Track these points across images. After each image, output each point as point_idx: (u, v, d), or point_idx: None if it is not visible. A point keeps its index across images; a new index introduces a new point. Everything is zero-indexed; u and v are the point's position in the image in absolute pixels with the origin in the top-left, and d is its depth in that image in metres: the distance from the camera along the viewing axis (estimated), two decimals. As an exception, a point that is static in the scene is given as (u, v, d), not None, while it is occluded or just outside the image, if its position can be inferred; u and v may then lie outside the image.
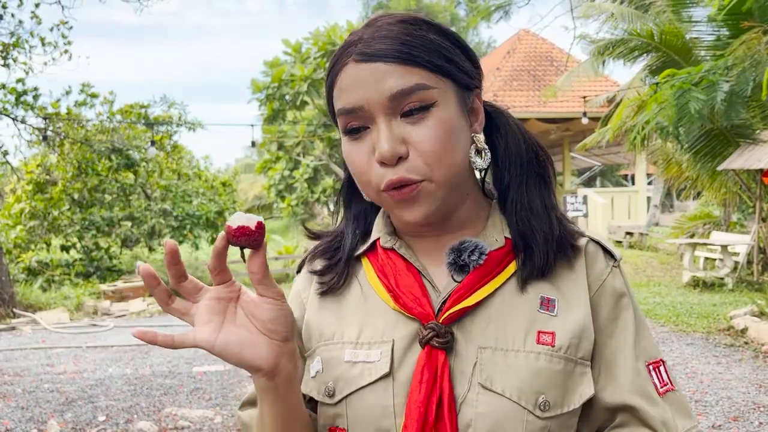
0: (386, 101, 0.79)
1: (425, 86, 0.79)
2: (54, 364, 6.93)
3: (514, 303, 0.84)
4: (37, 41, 10.13)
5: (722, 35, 9.33)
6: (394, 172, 0.79)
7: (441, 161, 0.80)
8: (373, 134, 0.81)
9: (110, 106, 13.02)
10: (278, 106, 22.00)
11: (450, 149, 0.81)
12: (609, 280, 0.88)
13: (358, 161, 0.82)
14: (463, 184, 0.86)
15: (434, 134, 0.80)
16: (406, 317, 0.85)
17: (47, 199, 12.62)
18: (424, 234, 0.90)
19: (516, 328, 0.83)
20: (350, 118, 0.81)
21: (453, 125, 0.82)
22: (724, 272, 9.47)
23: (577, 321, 0.84)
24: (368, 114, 0.80)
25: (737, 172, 9.43)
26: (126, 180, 13.24)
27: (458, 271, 0.86)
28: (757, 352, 6.26)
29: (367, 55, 0.80)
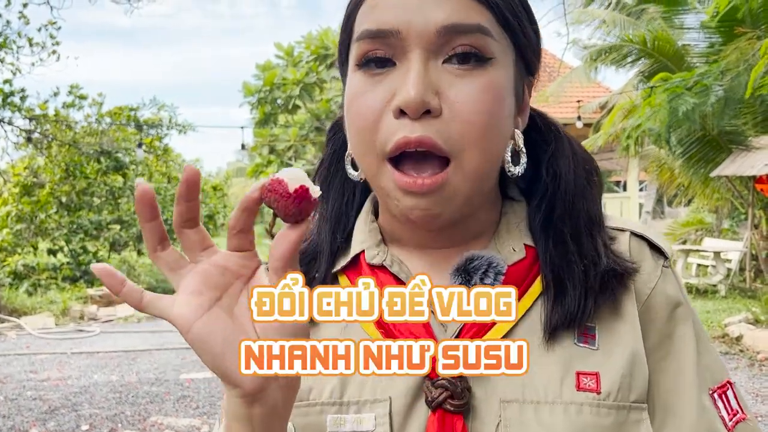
0: (432, 34, 0.59)
1: (487, 31, 0.60)
2: (38, 370, 6.79)
3: (542, 336, 0.63)
4: (25, 42, 9.99)
5: (715, 42, 9.34)
6: (414, 128, 0.58)
7: (480, 140, 0.60)
8: (397, 73, 0.60)
9: (99, 108, 12.89)
10: (270, 110, 21.91)
11: (494, 129, 0.61)
12: (660, 286, 0.67)
13: (369, 106, 0.61)
14: (489, 183, 0.66)
15: (484, 98, 0.60)
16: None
17: (34, 202, 12.46)
18: (427, 245, 0.69)
19: (548, 371, 0.62)
20: (375, 44, 0.61)
21: (505, 98, 0.62)
22: (717, 279, 9.44)
23: (627, 352, 0.63)
24: (401, 44, 0.60)
25: (730, 179, 9.42)
26: (115, 183, 13.09)
27: None
28: (753, 360, 6.21)
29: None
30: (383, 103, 0.61)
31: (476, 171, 0.61)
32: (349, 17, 0.66)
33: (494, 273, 0.64)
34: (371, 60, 0.62)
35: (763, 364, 6.05)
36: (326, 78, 21.08)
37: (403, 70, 0.60)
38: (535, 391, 0.61)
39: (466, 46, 0.60)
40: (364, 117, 0.61)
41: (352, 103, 0.63)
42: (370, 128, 0.61)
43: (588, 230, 0.67)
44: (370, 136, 0.61)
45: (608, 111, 11.77)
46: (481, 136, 0.60)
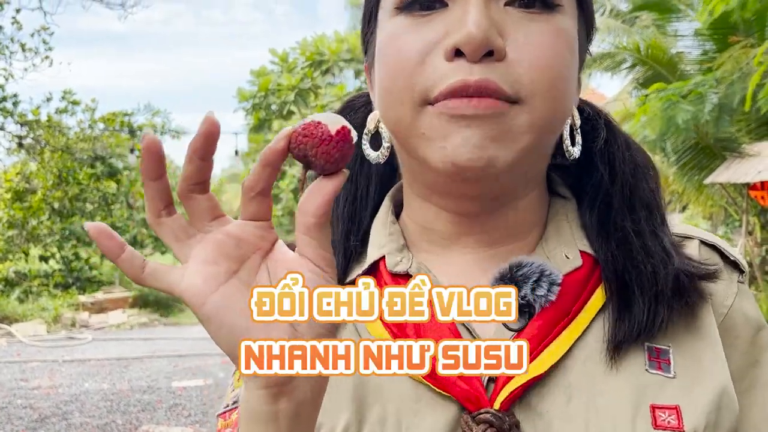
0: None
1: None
2: (28, 378, 6.71)
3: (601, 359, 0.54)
4: (18, 47, 9.95)
5: (708, 49, 9.38)
6: (473, 71, 0.49)
7: (553, 88, 0.51)
8: (450, 13, 0.51)
9: (92, 113, 12.83)
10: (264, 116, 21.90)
11: (567, 79, 0.53)
12: (738, 304, 0.58)
13: (412, 45, 0.51)
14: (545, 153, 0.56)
15: (556, 43, 0.51)
16: (435, 395, 0.53)
17: (26, 208, 12.38)
18: (458, 240, 0.59)
19: (616, 403, 0.51)
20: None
21: (575, 52, 0.54)
22: (711, 286, 9.46)
23: (712, 381, 0.53)
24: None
25: (723, 186, 9.43)
26: (108, 189, 13.03)
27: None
28: (747, 367, 6.21)
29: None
30: (431, 44, 0.51)
31: (543, 117, 0.51)
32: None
33: (548, 283, 0.54)
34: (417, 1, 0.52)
35: (758, 372, 6.05)
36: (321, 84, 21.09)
37: (458, 8, 0.51)
38: (601, 427, 0.51)
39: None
40: (405, 57, 0.51)
41: (387, 46, 0.53)
42: (410, 71, 0.51)
43: (651, 226, 0.58)
44: (408, 81, 0.51)
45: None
46: (553, 84, 0.51)
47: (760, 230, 9.33)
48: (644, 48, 9.65)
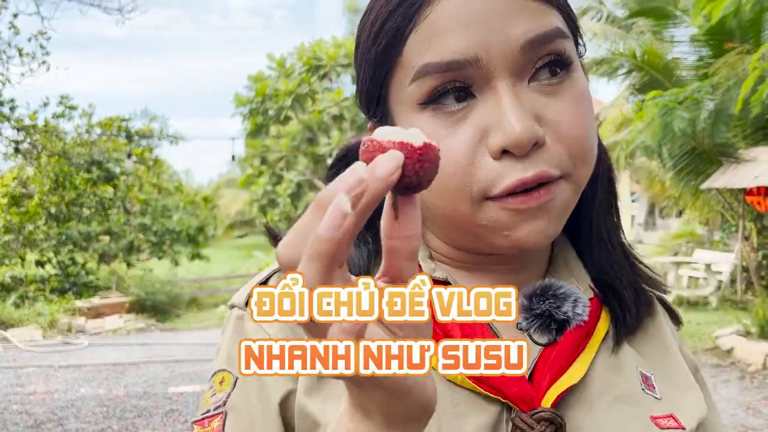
0: (517, 52, 0.51)
1: (564, 34, 0.53)
2: (24, 384, 6.69)
3: (614, 378, 0.60)
4: (15, 52, 9.95)
5: (704, 55, 9.43)
6: (526, 166, 0.51)
7: (588, 152, 0.54)
8: (483, 108, 0.52)
9: (89, 118, 12.83)
10: (262, 121, 21.93)
11: (594, 135, 0.55)
12: (683, 348, 0.68)
13: (457, 151, 0.52)
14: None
15: (580, 110, 0.53)
16: (480, 397, 0.55)
17: (23, 212, 12.35)
18: (485, 268, 0.61)
19: (627, 412, 0.58)
20: (448, 78, 0.51)
21: (591, 99, 0.56)
22: (708, 291, 9.46)
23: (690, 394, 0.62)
24: (482, 73, 0.51)
25: (720, 191, 9.46)
26: (105, 194, 13.01)
27: (544, 329, 0.58)
28: (744, 372, 6.20)
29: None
30: (474, 144, 0.52)
31: (585, 179, 0.56)
32: (387, 49, 0.54)
33: (583, 305, 0.59)
34: (444, 96, 0.52)
35: (754, 377, 6.04)
36: (318, 89, 21.12)
37: (489, 101, 0.52)
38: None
39: (549, 56, 0.53)
40: (454, 162, 0.52)
41: None
42: (462, 173, 0.52)
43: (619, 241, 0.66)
44: (463, 181, 0.52)
45: (600, 123, 11.83)
46: (589, 149, 0.55)
47: (756, 235, 9.35)
48: (640, 54, 9.69)
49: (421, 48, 0.52)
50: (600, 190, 0.64)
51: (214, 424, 0.59)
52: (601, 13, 11.60)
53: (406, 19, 0.52)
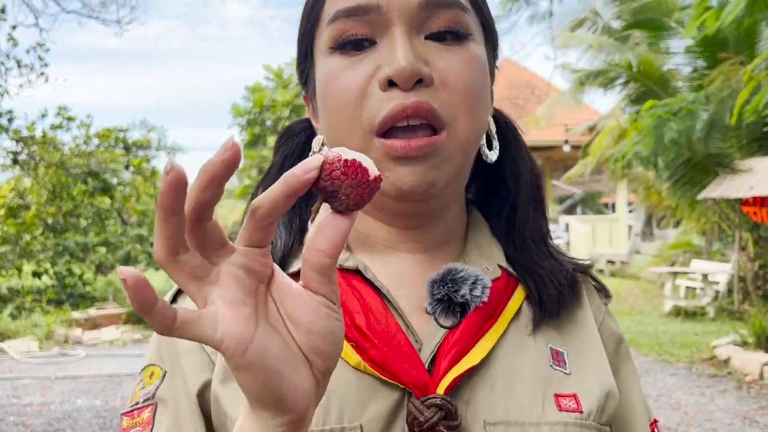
0: (414, 7, 0.58)
1: (464, 7, 0.60)
2: (20, 395, 6.66)
3: (520, 356, 0.62)
4: (14, 63, 9.98)
5: (699, 66, 9.49)
6: (408, 96, 0.56)
7: (471, 109, 0.59)
8: (380, 50, 0.58)
9: (87, 129, 12.85)
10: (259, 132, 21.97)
11: (482, 99, 0.61)
12: (606, 320, 0.70)
13: (351, 82, 0.58)
14: (468, 168, 0.64)
15: (471, 69, 0.59)
16: (381, 384, 0.58)
17: (20, 223, 12.34)
18: (395, 246, 0.65)
19: (529, 391, 0.60)
20: (353, 23, 0.58)
21: (487, 72, 0.62)
22: (705, 301, 9.47)
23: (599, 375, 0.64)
24: (382, 20, 0.58)
25: (716, 201, 9.49)
26: (102, 205, 13.01)
27: (447, 312, 0.61)
28: (741, 382, 6.21)
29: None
30: (367, 78, 0.58)
31: (467, 140, 0.60)
32: (314, 3, 0.63)
33: (482, 286, 0.61)
34: (349, 42, 0.59)
35: (751, 387, 6.04)
36: (316, 100, 21.19)
37: (386, 45, 0.58)
38: (518, 413, 0.58)
39: (447, 23, 0.59)
40: (348, 93, 0.58)
41: (330, 84, 0.60)
42: (354, 105, 0.58)
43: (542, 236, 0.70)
44: (354, 113, 0.58)
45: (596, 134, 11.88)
46: (472, 105, 0.59)
47: (753, 245, 9.38)
48: (636, 65, 9.76)
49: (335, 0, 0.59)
50: (523, 188, 0.70)
51: (144, 415, 0.61)
52: (597, 25, 11.70)
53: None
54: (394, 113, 0.56)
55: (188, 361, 0.63)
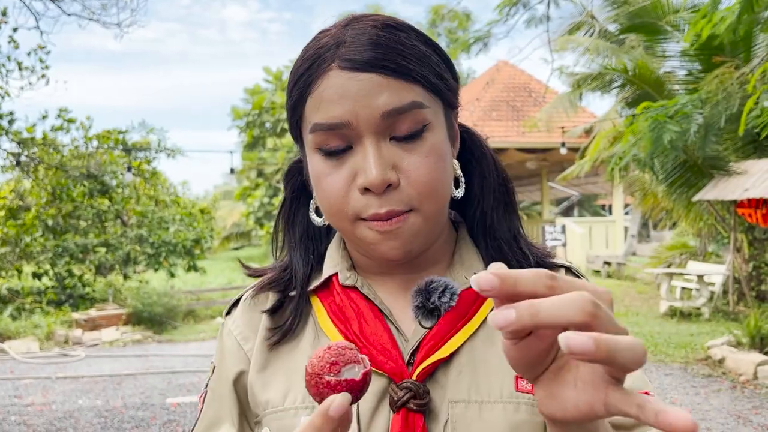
0: (378, 119, 0.68)
1: (421, 105, 0.70)
2: (22, 395, 6.71)
3: (487, 347, 0.74)
4: (14, 65, 10.03)
5: (694, 70, 9.56)
6: (381, 203, 0.69)
7: (434, 193, 0.71)
8: (356, 157, 0.70)
9: (86, 131, 12.88)
10: (258, 133, 22.01)
11: (442, 179, 0.72)
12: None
13: (335, 187, 0.70)
14: (443, 216, 0.77)
15: (429, 162, 0.70)
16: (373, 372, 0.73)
17: (20, 225, 12.38)
18: (391, 272, 0.80)
19: (491, 375, 0.73)
20: (331, 135, 0.69)
21: (444, 151, 0.73)
22: (701, 302, 9.54)
23: None
24: (354, 132, 0.69)
25: (711, 203, 9.56)
26: (101, 206, 13.04)
27: (427, 315, 0.75)
28: (735, 382, 6.28)
29: (357, 63, 0.68)
30: (348, 182, 0.70)
31: (432, 212, 0.72)
32: (296, 104, 0.73)
33: (450, 293, 0.75)
34: (330, 150, 0.70)
35: (745, 387, 6.12)
36: (314, 102, 21.21)
37: (360, 152, 0.70)
38: (478, 393, 0.71)
39: (406, 124, 0.69)
40: (334, 195, 0.71)
41: (319, 182, 0.73)
42: (340, 203, 0.71)
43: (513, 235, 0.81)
44: (340, 208, 0.71)
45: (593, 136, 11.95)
46: (433, 190, 0.71)
47: (747, 247, 9.45)
48: (632, 68, 9.82)
49: (313, 110, 0.70)
50: (491, 195, 0.82)
51: (201, 399, 0.83)
52: (593, 29, 11.77)
53: (305, 86, 0.71)
54: (370, 217, 0.70)
55: (229, 357, 0.82)
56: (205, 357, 8.55)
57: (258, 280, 0.86)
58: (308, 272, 0.82)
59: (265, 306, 0.82)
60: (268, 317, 0.80)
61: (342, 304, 0.77)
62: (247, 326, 0.82)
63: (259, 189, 22.64)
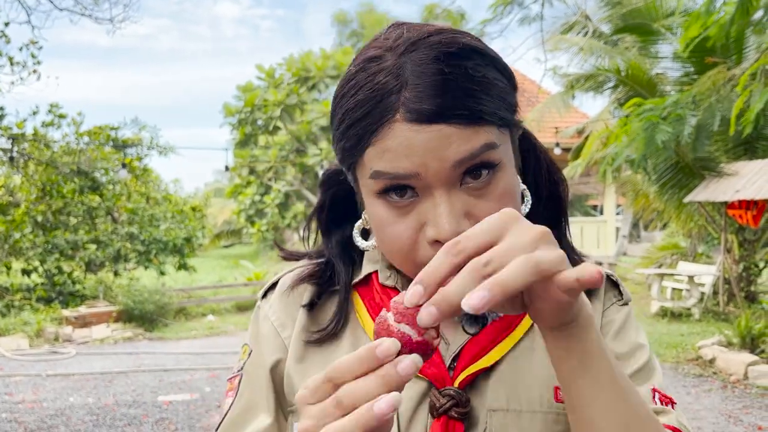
0: (448, 170, 0.63)
1: (493, 145, 0.65)
2: (12, 392, 6.66)
3: (527, 356, 0.74)
4: (6, 60, 9.94)
5: (687, 71, 9.62)
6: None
7: None
8: (424, 205, 0.65)
9: (77, 127, 12.79)
10: (250, 131, 21.93)
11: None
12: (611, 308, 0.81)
13: (401, 237, 0.66)
14: None
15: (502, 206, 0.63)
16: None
17: (9, 221, 12.27)
18: None
19: (530, 385, 0.72)
20: (395, 182, 0.65)
21: (515, 188, 0.69)
22: (691, 302, 9.61)
23: None
24: (422, 182, 0.64)
25: (702, 204, 9.63)
26: (92, 203, 12.95)
27: (472, 321, 0.73)
28: (725, 382, 6.33)
29: (425, 114, 0.62)
30: (415, 232, 0.66)
31: None
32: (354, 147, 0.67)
33: None
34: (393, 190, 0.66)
35: (735, 386, 6.17)
36: (307, 100, 21.19)
37: (429, 202, 0.65)
38: (518, 402, 0.71)
39: (476, 166, 0.65)
40: (399, 245, 0.67)
41: (382, 230, 0.68)
42: (406, 251, 0.67)
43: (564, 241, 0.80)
44: (407, 257, 0.67)
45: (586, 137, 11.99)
46: None
47: (738, 248, 9.52)
48: (625, 69, 9.87)
49: (376, 157, 0.65)
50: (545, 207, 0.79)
51: (235, 381, 0.81)
52: (587, 29, 11.81)
53: (367, 133, 0.65)
54: None
55: (266, 344, 0.80)
56: (197, 355, 8.52)
57: (294, 264, 0.84)
58: (350, 273, 0.80)
59: (303, 299, 0.80)
60: (303, 312, 0.79)
61: (381, 303, 0.75)
62: (285, 313, 0.80)
63: (251, 187, 22.56)
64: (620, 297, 0.83)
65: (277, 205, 21.74)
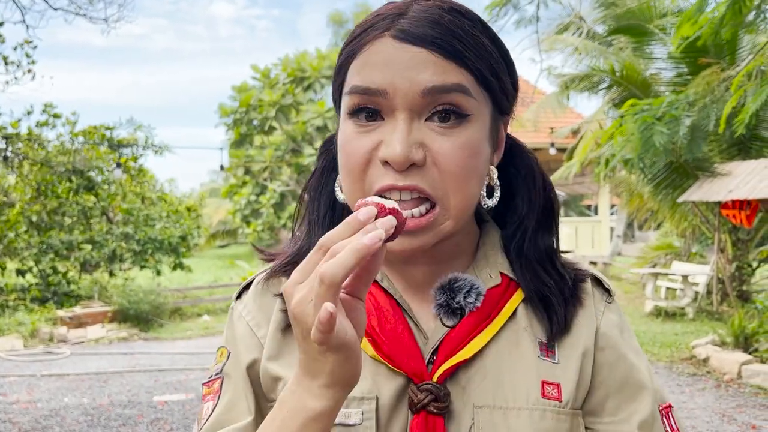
0: (417, 95, 0.65)
1: (465, 90, 0.67)
2: (6, 393, 6.65)
3: (511, 350, 0.73)
4: (0, 60, 9.91)
5: (681, 72, 9.66)
6: (399, 178, 0.66)
7: (461, 187, 0.68)
8: (385, 128, 0.67)
9: (72, 126, 12.75)
10: (246, 131, 21.92)
11: (472, 177, 0.69)
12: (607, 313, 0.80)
13: (358, 153, 0.68)
14: (468, 217, 0.74)
15: (461, 154, 0.67)
16: (389, 369, 0.71)
17: (3, 221, 12.23)
18: (409, 263, 0.76)
19: (516, 380, 0.71)
20: (365, 99, 0.67)
21: (479, 150, 0.69)
22: (685, 302, 9.65)
23: (578, 366, 0.74)
24: (389, 102, 0.66)
25: (696, 204, 9.67)
26: (87, 202, 12.91)
27: (450, 314, 0.73)
28: (719, 381, 6.35)
29: (411, 36, 0.65)
30: (370, 151, 0.68)
31: (458, 211, 0.69)
32: (341, 66, 0.71)
33: (476, 294, 0.73)
34: (360, 111, 0.68)
35: (729, 385, 6.20)
36: (302, 100, 21.19)
37: (390, 125, 0.67)
38: (504, 398, 0.70)
39: (446, 104, 0.66)
40: (354, 161, 0.68)
41: (343, 147, 0.70)
42: (359, 170, 0.68)
43: (549, 256, 0.79)
44: (358, 177, 0.69)
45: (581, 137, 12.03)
46: (461, 184, 0.68)
47: (731, 247, 9.57)
48: (619, 70, 9.91)
49: (355, 72, 0.68)
50: (534, 215, 0.79)
51: (215, 385, 0.80)
52: (581, 29, 11.84)
53: (354, 49, 0.69)
54: (384, 189, 0.67)
55: (242, 344, 0.79)
56: (192, 355, 8.51)
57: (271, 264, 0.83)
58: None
59: (278, 290, 0.78)
60: (281, 301, 0.77)
61: None
62: (260, 312, 0.79)
63: (246, 187, 22.54)
64: (608, 294, 0.82)
65: (272, 205, 21.73)
